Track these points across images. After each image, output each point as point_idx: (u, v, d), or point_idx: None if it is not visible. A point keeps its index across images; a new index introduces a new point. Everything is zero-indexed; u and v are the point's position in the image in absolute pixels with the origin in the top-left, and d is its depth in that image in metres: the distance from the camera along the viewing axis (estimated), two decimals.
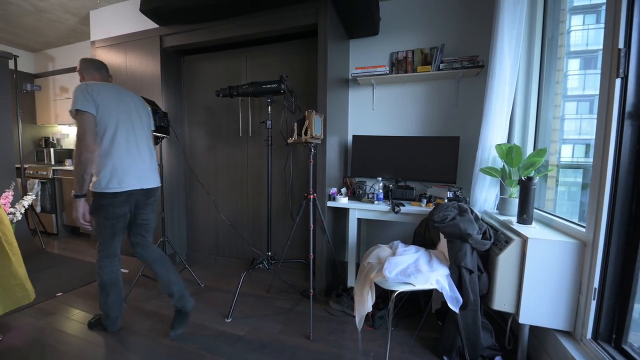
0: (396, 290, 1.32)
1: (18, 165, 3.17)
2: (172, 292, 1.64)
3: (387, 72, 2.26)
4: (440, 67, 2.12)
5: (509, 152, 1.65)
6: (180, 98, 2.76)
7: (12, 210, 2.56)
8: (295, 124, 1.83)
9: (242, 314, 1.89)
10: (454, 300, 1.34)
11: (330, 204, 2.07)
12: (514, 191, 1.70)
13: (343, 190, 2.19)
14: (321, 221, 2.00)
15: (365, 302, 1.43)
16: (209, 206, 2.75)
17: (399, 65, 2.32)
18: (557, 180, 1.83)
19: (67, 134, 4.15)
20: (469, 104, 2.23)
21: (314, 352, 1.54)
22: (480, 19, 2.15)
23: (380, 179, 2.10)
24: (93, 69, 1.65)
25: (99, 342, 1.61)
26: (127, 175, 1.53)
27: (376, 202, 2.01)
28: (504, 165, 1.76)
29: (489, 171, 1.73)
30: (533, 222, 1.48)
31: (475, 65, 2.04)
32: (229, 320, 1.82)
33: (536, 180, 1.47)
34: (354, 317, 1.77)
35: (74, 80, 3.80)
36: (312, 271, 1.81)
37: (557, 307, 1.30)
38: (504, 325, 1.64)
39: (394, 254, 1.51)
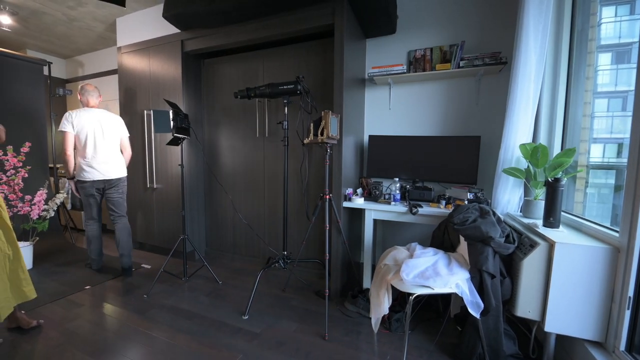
0: (414, 293, 1.29)
1: (51, 165, 3.37)
2: (123, 254, 2.45)
3: (405, 70, 2.22)
4: (461, 65, 2.06)
5: (534, 152, 1.58)
6: (200, 100, 2.84)
7: (45, 207, 2.73)
8: (312, 124, 1.84)
9: (259, 312, 1.92)
10: (474, 306, 1.30)
11: (346, 204, 2.06)
12: (540, 193, 1.63)
13: (359, 190, 2.18)
14: (337, 221, 2.00)
15: (382, 304, 1.41)
16: (226, 205, 2.81)
17: (417, 63, 2.28)
18: (586, 182, 1.73)
19: None
20: (491, 102, 2.15)
21: (329, 352, 1.54)
22: (503, 14, 2.07)
23: (397, 179, 2.06)
24: (86, 94, 2.44)
25: (123, 333, 1.68)
26: (92, 170, 2.36)
27: (393, 203, 1.98)
28: (528, 166, 1.68)
29: (513, 172, 1.66)
30: (560, 226, 1.41)
31: (498, 62, 1.97)
32: (246, 317, 1.85)
33: (564, 181, 1.40)
34: (370, 318, 1.76)
35: (102, 84, 4.01)
36: (327, 271, 1.81)
37: (587, 316, 1.23)
38: (528, 333, 1.57)
39: (411, 256, 1.48)
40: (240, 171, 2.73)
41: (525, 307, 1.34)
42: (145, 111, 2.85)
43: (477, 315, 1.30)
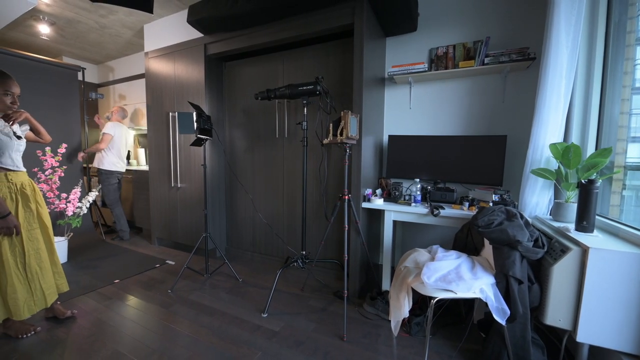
0: (436, 297, 1.26)
1: (84, 165, 3.57)
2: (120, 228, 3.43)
3: (426, 69, 2.18)
4: (485, 62, 1.99)
5: (565, 152, 1.50)
6: (222, 102, 2.92)
7: (79, 204, 2.90)
8: (331, 124, 1.84)
9: (278, 310, 1.94)
10: (500, 312, 1.25)
11: (365, 205, 2.05)
12: (572, 195, 1.54)
13: (378, 191, 2.16)
14: (356, 222, 1.99)
15: (402, 307, 1.39)
16: (247, 205, 2.86)
17: (439, 61, 2.22)
18: (624, 184, 1.62)
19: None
20: (518, 100, 2.06)
21: (348, 353, 1.53)
22: (531, 7, 1.98)
23: (417, 180, 2.03)
24: (121, 112, 3.57)
25: (148, 326, 1.75)
26: (120, 164, 3.46)
27: (413, 204, 1.95)
28: (559, 167, 1.60)
29: (542, 173, 1.59)
30: (595, 230, 1.33)
31: (526, 58, 1.89)
32: (265, 315, 1.88)
33: (599, 183, 1.32)
34: (389, 321, 1.74)
35: (131, 88, 4.21)
36: (346, 272, 1.81)
37: (624, 327, 1.15)
38: (558, 342, 1.49)
39: (433, 259, 1.45)
40: (260, 171, 2.78)
41: (556, 315, 1.28)
42: (170, 113, 2.97)
43: (502, 322, 1.25)
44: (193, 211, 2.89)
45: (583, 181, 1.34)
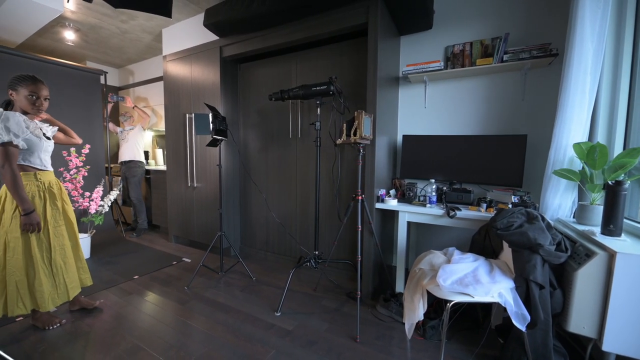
0: (452, 300, 1.23)
1: (106, 165, 3.72)
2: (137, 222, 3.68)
3: (442, 67, 2.13)
4: (504, 59, 1.93)
5: (590, 151, 1.43)
6: (237, 103, 2.96)
7: (101, 203, 3.02)
8: (344, 124, 1.84)
9: (291, 310, 1.95)
10: (519, 317, 1.21)
11: (378, 205, 2.03)
12: (597, 197, 1.47)
13: (392, 192, 2.13)
14: (369, 223, 1.98)
15: (416, 310, 1.36)
16: (260, 204, 2.90)
17: (455, 59, 2.17)
18: None
19: (144, 137, 4.74)
20: (539, 98, 1.99)
21: (361, 354, 1.52)
22: (552, 1, 1.90)
23: (433, 180, 1.99)
24: (135, 116, 3.89)
25: (166, 321, 1.80)
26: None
27: (428, 205, 1.91)
28: (583, 167, 1.53)
29: (565, 174, 1.52)
30: (623, 234, 1.26)
31: (548, 54, 1.82)
32: (279, 314, 1.90)
33: (627, 184, 1.25)
34: (403, 324, 1.72)
35: (150, 91, 4.35)
36: (359, 273, 1.80)
37: None
38: (582, 351, 1.43)
39: (449, 261, 1.42)
40: (273, 171, 2.80)
41: (580, 323, 1.22)
42: (187, 114, 3.04)
43: (522, 328, 1.21)
44: (208, 210, 2.95)
45: (610, 182, 1.27)
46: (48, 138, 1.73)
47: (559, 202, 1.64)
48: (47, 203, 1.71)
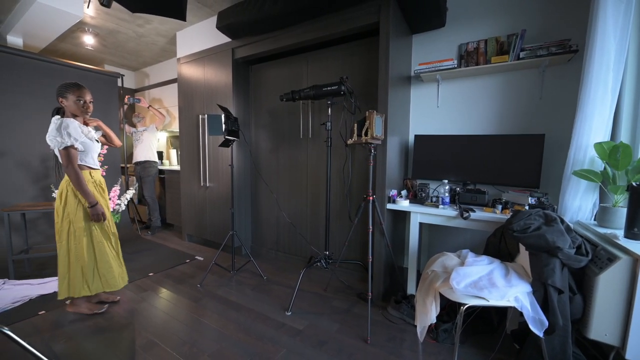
0: (466, 304, 1.21)
1: (122, 165, 3.83)
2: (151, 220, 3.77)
3: (455, 65, 2.09)
4: (521, 56, 1.88)
5: (613, 151, 1.38)
6: (248, 103, 3.00)
7: (118, 202, 3.11)
8: (356, 124, 1.83)
9: (301, 309, 1.96)
10: (537, 323, 1.17)
11: (390, 206, 2.01)
12: (620, 199, 1.41)
13: (403, 192, 2.11)
14: (380, 224, 1.96)
15: (429, 313, 1.34)
16: (271, 204, 2.92)
17: (469, 57, 2.13)
18: None
19: (158, 138, 4.86)
20: (557, 96, 1.92)
21: (372, 356, 1.51)
22: None
23: (445, 181, 1.95)
24: (147, 118, 3.82)
25: (179, 318, 1.84)
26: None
27: (441, 206, 1.88)
28: (605, 168, 1.48)
29: (586, 174, 1.47)
30: None
31: (567, 51, 1.76)
32: (289, 313, 1.91)
33: None
34: (414, 326, 1.69)
35: (164, 92, 4.45)
36: (370, 274, 1.78)
37: None
38: (602, 359, 1.37)
39: (462, 264, 1.39)
40: (284, 171, 2.82)
41: (601, 330, 1.18)
42: (200, 116, 3.10)
43: (540, 333, 1.17)
44: (220, 210, 2.99)
45: (634, 184, 1.22)
46: (97, 141, 1.91)
47: (579, 204, 1.58)
48: (101, 197, 1.88)
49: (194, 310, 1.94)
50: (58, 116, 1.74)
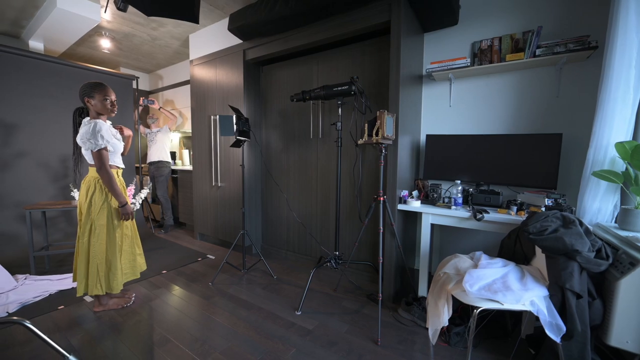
0: (479, 307, 1.18)
1: (137, 165, 3.93)
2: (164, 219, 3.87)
3: (468, 64, 2.06)
4: (537, 53, 1.83)
5: (635, 151, 1.33)
6: (259, 104, 3.02)
7: (133, 201, 3.19)
8: (366, 124, 1.82)
9: (311, 309, 1.96)
10: (554, 328, 1.14)
11: (401, 207, 1.99)
12: None
13: (414, 193, 2.08)
14: (391, 224, 1.94)
15: (441, 315, 1.32)
16: (281, 204, 2.94)
17: (483, 55, 2.08)
18: None
19: (171, 139, 4.96)
20: (576, 94, 1.86)
21: (382, 358, 1.50)
22: None
23: (458, 182, 1.92)
24: (161, 119, 3.85)
25: (192, 315, 1.87)
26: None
27: (454, 207, 1.85)
28: (627, 168, 1.42)
29: (606, 175, 1.42)
30: None
31: (586, 47, 1.70)
32: (299, 313, 1.91)
33: None
34: (425, 329, 1.67)
35: (177, 94, 4.53)
36: (381, 275, 1.77)
37: None
38: None
39: (475, 266, 1.36)
40: (294, 171, 2.83)
41: (622, 337, 1.13)
42: (212, 116, 3.15)
43: (557, 339, 1.14)
44: (231, 209, 3.03)
45: None
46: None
47: (599, 206, 1.52)
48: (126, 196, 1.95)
49: (206, 308, 1.97)
50: (88, 118, 1.79)
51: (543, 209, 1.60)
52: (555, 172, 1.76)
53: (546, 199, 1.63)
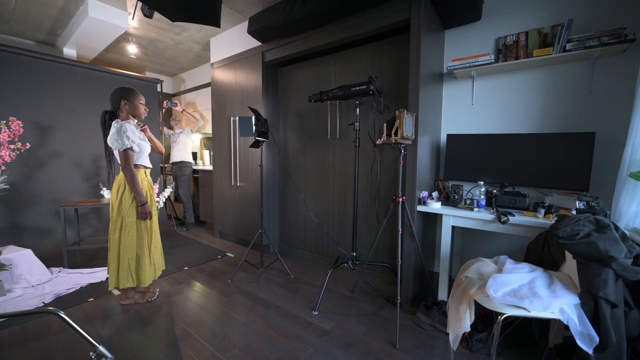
0: (504, 313, 1.14)
1: (161, 165, 4.09)
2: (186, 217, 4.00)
3: (492, 60, 1.98)
4: (567, 48, 1.74)
5: None
6: (277, 105, 3.06)
7: (157, 199, 3.32)
8: (385, 124, 1.79)
9: (328, 309, 1.96)
10: (586, 338, 1.07)
11: (420, 208, 1.95)
12: None
13: (434, 194, 2.03)
14: (410, 226, 1.91)
15: (462, 321, 1.28)
16: (299, 204, 2.96)
17: (508, 51, 2.00)
18: None
19: (192, 140, 5.12)
20: (609, 90, 1.75)
21: None
22: None
23: (481, 183, 1.86)
24: (182, 122, 4.17)
25: (212, 311, 1.92)
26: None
27: (476, 209, 1.79)
28: None
29: None
30: None
31: (622, 40, 1.59)
32: (316, 313, 1.92)
33: None
34: (445, 333, 1.63)
35: (199, 97, 4.68)
36: (399, 278, 1.74)
37: None
38: None
39: (500, 271, 1.31)
40: (311, 171, 2.84)
41: None
42: (231, 118, 3.22)
43: (589, 350, 1.08)
44: (250, 208, 3.08)
45: None
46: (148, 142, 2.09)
47: (636, 210, 1.42)
48: (151, 195, 2.04)
49: (225, 305, 2.02)
50: (118, 119, 1.88)
51: (574, 212, 1.52)
52: (588, 173, 1.66)
53: (577, 202, 1.55)
